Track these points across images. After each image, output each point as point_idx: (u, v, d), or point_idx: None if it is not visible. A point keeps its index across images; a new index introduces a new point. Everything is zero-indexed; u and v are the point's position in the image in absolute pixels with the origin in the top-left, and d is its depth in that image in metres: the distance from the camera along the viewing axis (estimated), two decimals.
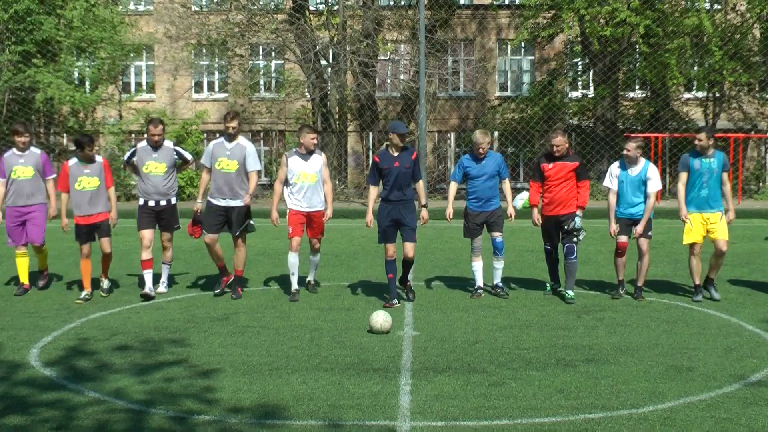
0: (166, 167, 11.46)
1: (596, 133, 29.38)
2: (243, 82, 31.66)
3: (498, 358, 8.28)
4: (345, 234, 19.10)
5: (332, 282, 12.82)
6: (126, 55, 30.70)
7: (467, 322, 9.96)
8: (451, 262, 14.85)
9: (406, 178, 10.82)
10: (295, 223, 11.38)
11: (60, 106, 29.23)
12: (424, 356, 8.35)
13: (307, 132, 11.32)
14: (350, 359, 8.22)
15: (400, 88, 30.60)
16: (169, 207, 11.50)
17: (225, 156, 11.27)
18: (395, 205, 10.81)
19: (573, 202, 11.22)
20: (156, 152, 11.46)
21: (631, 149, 11.10)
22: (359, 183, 30.28)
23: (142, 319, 10.20)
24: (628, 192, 11.14)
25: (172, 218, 11.55)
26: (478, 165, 11.36)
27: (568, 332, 9.42)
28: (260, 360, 8.19)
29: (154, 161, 11.43)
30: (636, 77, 30.53)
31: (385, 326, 9.32)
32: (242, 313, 10.51)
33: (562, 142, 11.20)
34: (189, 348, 8.71)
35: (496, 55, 34.67)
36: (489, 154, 11.41)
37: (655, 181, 11.06)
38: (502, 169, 11.40)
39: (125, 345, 8.85)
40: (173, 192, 11.55)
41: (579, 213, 11.23)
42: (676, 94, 30.70)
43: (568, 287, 11.18)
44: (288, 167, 11.33)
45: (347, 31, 28.89)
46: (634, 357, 8.30)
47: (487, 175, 11.31)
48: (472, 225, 11.45)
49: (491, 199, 11.38)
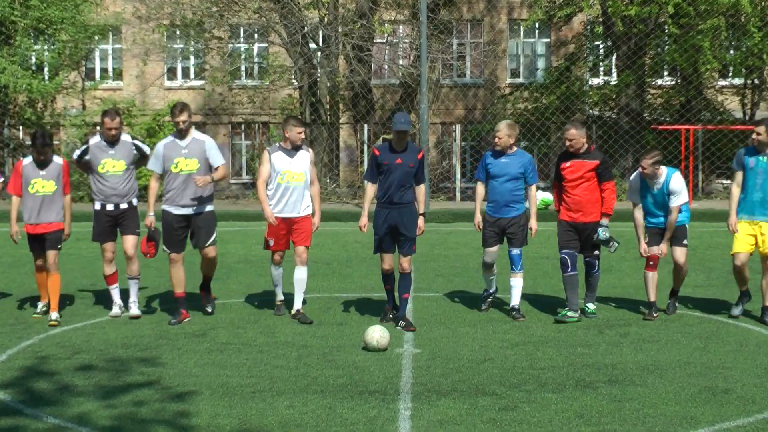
0: (126, 165, 11.00)
1: (620, 125, 29.42)
2: (222, 68, 31.66)
3: (509, 378, 8.28)
4: (337, 239, 19.10)
5: (322, 293, 12.81)
6: (90, 38, 30.69)
7: (474, 338, 9.96)
8: (456, 271, 14.86)
9: (408, 179, 10.50)
10: (277, 234, 10.98)
11: (15, 95, 29.16)
12: (426, 377, 8.35)
13: (293, 125, 10.94)
14: (343, 380, 8.21)
15: (399, 75, 30.61)
16: (130, 210, 11.09)
17: (181, 156, 10.79)
18: (393, 210, 10.49)
19: (595, 208, 10.83)
20: (113, 148, 10.98)
21: (646, 166, 10.74)
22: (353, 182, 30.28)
23: (108, 335, 10.19)
24: (652, 207, 10.99)
25: (134, 221, 11.12)
26: (499, 163, 10.98)
27: (589, 349, 9.43)
28: (241, 381, 8.18)
29: (112, 158, 10.96)
30: (664, 62, 30.58)
31: (382, 343, 9.32)
32: (221, 329, 10.50)
33: (577, 136, 10.80)
34: (161, 368, 8.70)
35: (506, 37, 34.71)
36: (516, 153, 11.01)
37: (678, 195, 10.77)
38: (528, 171, 10.98)
39: (89, 364, 8.83)
40: (134, 193, 11.14)
41: (604, 222, 10.84)
42: (709, 81, 30.74)
43: (588, 300, 11.12)
44: (271, 164, 10.95)
45: (339, 11, 28.91)
46: (662, 377, 8.30)
47: (509, 176, 10.92)
48: (486, 231, 11.09)
49: (510, 205, 10.98)
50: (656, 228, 11.04)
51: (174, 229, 10.90)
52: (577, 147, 10.85)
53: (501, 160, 11.00)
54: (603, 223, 10.85)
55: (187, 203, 10.86)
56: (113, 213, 11.04)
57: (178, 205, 10.86)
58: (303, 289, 11.18)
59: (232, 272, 14.60)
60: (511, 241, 11.07)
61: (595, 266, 11.02)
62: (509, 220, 11.01)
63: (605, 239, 10.86)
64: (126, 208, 11.05)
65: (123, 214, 11.05)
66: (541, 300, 12.22)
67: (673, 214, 10.85)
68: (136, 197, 11.18)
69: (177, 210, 10.86)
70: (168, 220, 10.90)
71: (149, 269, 14.68)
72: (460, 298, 12.34)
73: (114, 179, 10.98)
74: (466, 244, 18.21)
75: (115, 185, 10.98)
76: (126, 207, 11.05)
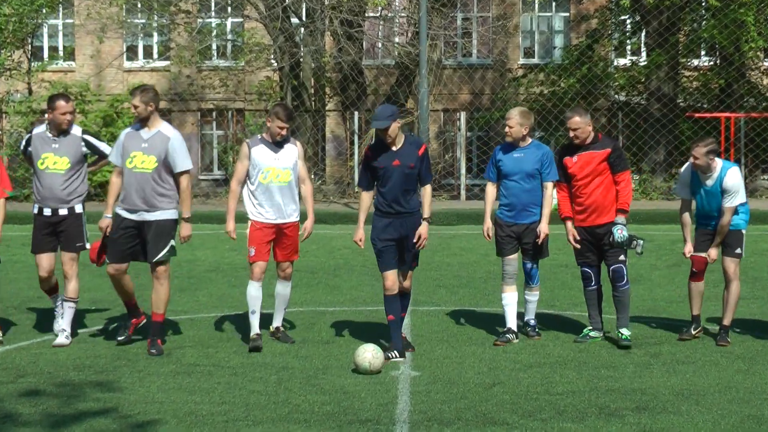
0: (69, 162, 10.59)
1: (650, 113, 29.48)
2: (190, 47, 31.67)
3: (522, 405, 8.28)
4: (323, 244, 19.10)
5: (306, 307, 12.82)
6: (37, 12, 30.65)
7: (482, 359, 9.97)
8: (461, 281, 14.87)
9: (410, 182, 10.14)
10: (259, 242, 10.56)
11: None
12: (426, 403, 8.34)
13: (277, 116, 10.49)
14: (329, 408, 8.20)
15: (395, 55, 30.64)
16: (71, 218, 10.65)
17: (140, 150, 10.33)
18: (395, 219, 10.11)
19: (614, 205, 10.60)
20: (57, 141, 10.62)
21: (699, 156, 10.49)
22: (341, 178, 30.32)
23: (58, 355, 10.18)
24: (706, 205, 10.75)
25: (76, 233, 10.69)
26: (512, 158, 10.73)
27: (614, 372, 9.43)
28: (212, 408, 8.17)
29: (54, 153, 10.58)
30: (701, 40, 30.63)
31: (375, 364, 9.32)
32: (188, 348, 10.50)
33: (581, 124, 10.52)
34: (119, 393, 8.69)
35: (519, 11, 34.75)
36: (531, 145, 10.77)
37: (734, 194, 10.51)
38: (545, 167, 10.70)
39: (36, 389, 8.81)
40: (78, 197, 10.69)
41: (620, 219, 10.53)
42: (753, 61, 30.81)
43: (621, 325, 10.61)
44: (251, 161, 10.59)
45: None
46: (699, 404, 8.31)
47: (524, 173, 10.66)
48: (500, 237, 10.83)
49: (528, 208, 10.74)
50: (707, 231, 10.82)
51: (119, 237, 10.40)
52: (583, 137, 10.59)
53: (513, 155, 10.76)
54: (618, 221, 10.52)
55: (139, 207, 10.36)
56: (51, 219, 10.65)
57: (127, 208, 10.39)
58: (285, 306, 11.05)
59: (202, 282, 14.59)
60: (526, 253, 10.84)
61: (622, 277, 10.62)
62: (526, 226, 10.76)
63: (624, 240, 10.46)
64: (65, 214, 10.64)
65: (62, 222, 10.65)
66: (559, 315, 12.23)
67: (726, 215, 10.59)
68: (80, 203, 10.75)
69: (126, 214, 10.39)
70: (115, 223, 10.43)
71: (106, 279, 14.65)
72: (465, 313, 12.34)
73: (53, 178, 10.61)
74: (472, 250, 18.22)
75: (53, 186, 10.60)
76: (65, 213, 10.64)
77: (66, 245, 10.72)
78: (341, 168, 31.75)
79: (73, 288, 10.76)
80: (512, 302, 10.86)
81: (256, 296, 10.60)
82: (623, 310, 10.67)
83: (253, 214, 10.60)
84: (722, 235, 10.67)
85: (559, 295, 13.52)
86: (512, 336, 10.76)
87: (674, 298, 13.14)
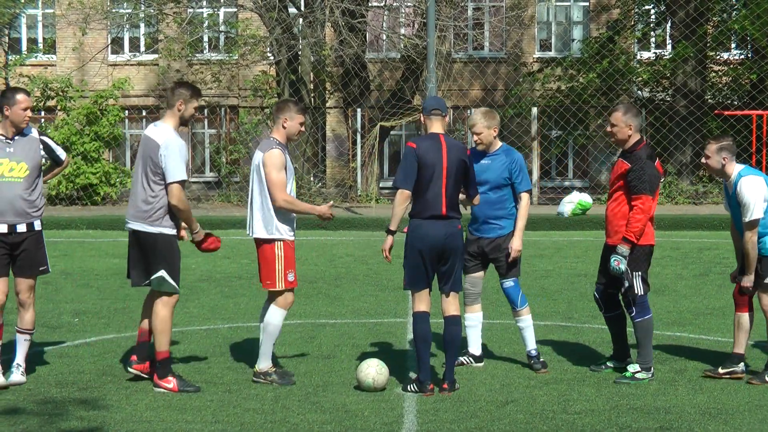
0: (28, 169, 9.67)
1: (675, 110, 29.49)
2: (179, 39, 31.70)
3: (538, 425, 8.31)
4: (323, 252, 19.11)
5: (305, 319, 12.84)
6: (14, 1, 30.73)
7: (494, 375, 10.00)
8: None
9: (460, 184, 9.54)
10: (294, 264, 9.77)
11: None
12: (434, 423, 8.37)
13: (295, 111, 9.78)
14: (330, 427, 8.24)
15: (401, 47, 30.68)
16: (32, 236, 9.72)
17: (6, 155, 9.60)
18: (440, 230, 9.32)
19: (623, 229, 9.69)
20: (11, 144, 9.68)
21: (711, 154, 9.62)
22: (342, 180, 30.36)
23: (38, 371, 10.19)
24: (735, 217, 9.83)
25: (36, 254, 9.78)
26: (477, 167, 9.95)
27: (636, 389, 9.46)
28: (205, 428, 8.21)
29: (9, 159, 9.62)
30: (731, 31, 30.65)
31: (379, 381, 9.35)
32: (179, 363, 10.52)
33: (620, 122, 9.74)
34: (105, 411, 8.71)
35: (535, 0, 34.77)
36: (499, 151, 10.24)
37: (747, 208, 9.48)
38: (516, 175, 10.16)
39: (15, 407, 8.84)
40: (38, 211, 9.79)
41: (621, 249, 9.62)
42: None
43: (638, 360, 9.89)
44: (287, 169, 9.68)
45: None
46: (728, 424, 8.34)
47: (490, 184, 10.11)
48: None
49: (492, 221, 10.20)
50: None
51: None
52: (620, 138, 9.82)
53: (481, 162, 10.19)
54: (619, 250, 9.63)
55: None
56: (7, 239, 9.64)
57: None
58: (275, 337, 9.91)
59: (193, 293, 14.62)
60: (499, 268, 10.31)
61: (630, 306, 9.84)
62: (491, 241, 10.25)
63: (618, 273, 9.67)
64: (25, 232, 9.68)
65: (21, 243, 9.70)
66: (578, 327, 12.26)
67: (746, 234, 9.59)
68: (39, 219, 9.86)
69: None
70: None
71: (90, 289, 14.73)
72: None
73: (11, 188, 9.63)
74: None
75: (12, 197, 9.62)
76: (25, 231, 9.68)
77: (25, 270, 9.78)
78: (343, 169, 31.80)
79: (30, 319, 9.84)
80: (473, 323, 10.50)
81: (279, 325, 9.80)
82: (637, 343, 9.89)
83: (287, 232, 9.68)
84: (748, 258, 9.63)
85: (577, 306, 13.54)
86: (467, 360, 10.38)
87: (701, 310, 13.16)
